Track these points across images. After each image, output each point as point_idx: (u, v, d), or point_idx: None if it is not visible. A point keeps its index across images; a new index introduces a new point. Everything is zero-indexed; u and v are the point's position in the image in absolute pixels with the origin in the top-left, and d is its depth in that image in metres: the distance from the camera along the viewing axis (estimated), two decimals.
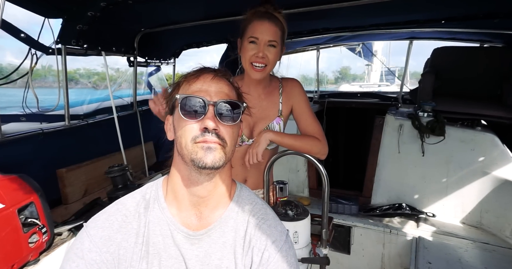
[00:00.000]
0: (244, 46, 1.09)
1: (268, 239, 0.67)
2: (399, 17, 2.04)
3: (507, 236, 1.91)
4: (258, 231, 0.68)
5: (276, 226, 0.70)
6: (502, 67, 2.42)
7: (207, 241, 0.66)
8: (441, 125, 2.15)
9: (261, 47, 1.06)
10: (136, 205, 0.68)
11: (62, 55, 1.69)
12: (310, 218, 1.21)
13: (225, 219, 0.68)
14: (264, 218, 0.70)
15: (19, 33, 1.52)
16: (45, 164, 1.69)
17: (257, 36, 1.06)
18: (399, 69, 7.02)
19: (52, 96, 1.83)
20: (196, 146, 0.61)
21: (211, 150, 0.61)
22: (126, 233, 0.64)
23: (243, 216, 0.69)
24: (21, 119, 1.83)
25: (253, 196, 0.75)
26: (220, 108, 0.63)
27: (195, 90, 0.64)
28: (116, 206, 0.68)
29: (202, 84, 0.65)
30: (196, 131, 0.62)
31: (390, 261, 2.15)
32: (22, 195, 1.18)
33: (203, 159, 0.60)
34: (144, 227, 0.65)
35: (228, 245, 0.66)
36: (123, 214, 0.66)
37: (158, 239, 0.65)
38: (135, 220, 0.66)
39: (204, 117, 0.62)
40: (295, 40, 2.66)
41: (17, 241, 1.12)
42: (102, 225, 0.64)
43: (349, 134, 3.56)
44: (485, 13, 1.75)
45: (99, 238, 0.63)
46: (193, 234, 0.66)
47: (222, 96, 0.65)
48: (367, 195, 2.48)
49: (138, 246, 0.64)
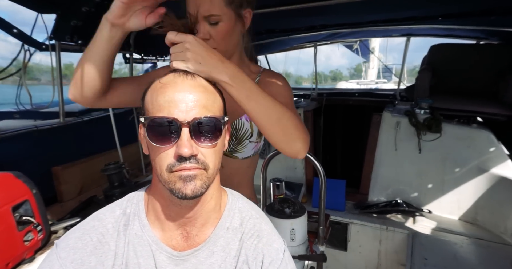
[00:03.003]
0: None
1: (264, 260, 0.60)
2: (397, 14, 2.03)
3: (501, 232, 1.94)
4: (253, 251, 0.61)
5: (272, 244, 0.63)
6: (498, 64, 2.44)
7: (193, 262, 0.59)
8: (437, 122, 2.16)
9: (200, 27, 0.76)
10: (114, 222, 0.59)
11: (56, 51, 1.67)
12: (307, 215, 1.22)
13: (214, 238, 0.61)
14: (259, 235, 0.62)
15: (12, 29, 1.49)
16: (40, 161, 1.67)
17: (190, 11, 0.75)
18: (396, 66, 7.04)
19: (45, 93, 1.81)
20: (173, 176, 0.52)
21: (190, 179, 0.52)
22: (102, 255, 0.56)
23: (234, 234, 0.62)
24: (15, 116, 1.81)
25: (246, 208, 0.66)
26: (196, 128, 0.52)
27: (163, 105, 0.52)
28: (93, 222, 0.59)
29: (173, 96, 0.52)
30: (171, 158, 0.52)
31: (386, 257, 2.17)
32: (17, 193, 1.17)
33: (182, 190, 0.52)
34: (123, 248, 0.57)
35: (216, 266, 0.60)
36: (100, 232, 0.57)
37: (139, 261, 0.57)
38: (113, 239, 0.57)
39: (179, 142, 0.51)
40: (293, 37, 2.65)
41: (12, 239, 1.11)
42: (74, 245, 0.55)
43: (346, 131, 3.57)
44: (482, 10, 1.75)
45: (70, 261, 0.54)
46: (177, 255, 0.59)
47: (198, 111, 0.52)
48: (364, 192, 2.49)
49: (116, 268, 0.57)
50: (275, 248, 0.62)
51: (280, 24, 2.16)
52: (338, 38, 3.01)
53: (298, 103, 3.15)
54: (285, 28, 2.22)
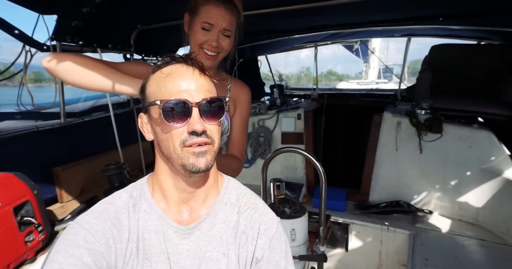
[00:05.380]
0: (195, 30, 0.96)
1: (260, 227, 0.68)
2: (397, 14, 2.03)
3: (502, 232, 1.93)
4: (250, 220, 0.69)
5: (267, 214, 0.71)
6: (499, 64, 2.43)
7: (197, 235, 0.66)
8: (438, 122, 2.15)
9: (215, 36, 0.95)
10: (123, 204, 0.66)
11: (57, 52, 1.67)
12: (308, 215, 1.22)
13: (215, 211, 0.68)
14: (254, 208, 0.71)
15: (13, 30, 1.49)
16: (40, 162, 1.67)
17: (211, 22, 0.93)
18: (397, 66, 7.02)
19: (46, 94, 1.81)
20: (186, 151, 0.59)
21: (203, 154, 0.60)
22: (119, 228, 0.63)
23: (232, 207, 0.70)
24: (16, 117, 1.81)
25: (241, 187, 0.75)
26: (204, 107, 0.61)
27: (173, 91, 0.60)
28: (104, 205, 0.66)
29: (181, 83, 0.60)
30: (184, 134, 0.59)
31: (387, 258, 2.16)
32: (18, 194, 1.17)
33: (196, 165, 0.59)
34: (135, 223, 0.64)
35: (218, 237, 0.66)
36: (113, 211, 0.64)
37: (149, 235, 0.64)
38: (125, 217, 0.64)
39: (190, 120, 0.59)
40: (293, 37, 2.65)
41: (13, 240, 1.11)
42: (96, 220, 0.62)
43: (347, 131, 3.57)
44: (483, 10, 1.75)
45: (95, 231, 0.60)
46: (183, 229, 0.65)
47: (204, 94, 0.61)
48: (365, 192, 2.49)
49: (131, 242, 0.63)
50: (269, 218, 0.71)
51: (280, 24, 2.17)
52: (338, 38, 3.01)
53: (298, 103, 3.16)
54: (286, 28, 2.22)
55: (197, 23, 0.94)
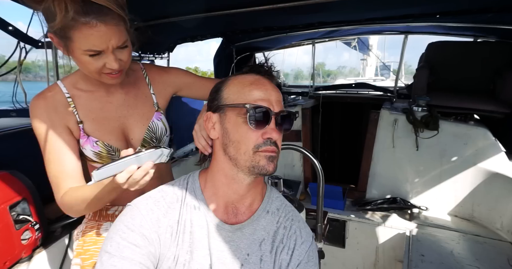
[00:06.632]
0: (79, 58, 0.74)
1: (297, 239, 0.71)
2: (395, 11, 2.03)
3: (497, 228, 1.95)
4: (288, 231, 0.72)
5: (305, 228, 0.75)
6: (495, 62, 2.44)
7: (239, 236, 0.69)
8: (435, 119, 2.16)
9: (111, 58, 0.74)
10: (176, 195, 0.69)
11: (53, 48, 1.65)
12: (305, 212, 1.22)
13: (257, 218, 0.71)
14: (293, 220, 0.74)
15: (7, 26, 1.47)
16: (37, 160, 1.65)
17: (98, 49, 0.71)
18: (394, 63, 7.04)
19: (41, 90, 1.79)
20: (258, 155, 0.64)
21: (272, 159, 0.65)
22: (171, 219, 0.66)
23: (273, 216, 0.73)
24: (11, 114, 1.79)
25: (281, 197, 0.79)
26: (280, 118, 0.66)
27: (258, 98, 0.65)
28: (160, 193, 0.69)
29: (265, 92, 0.66)
30: (259, 139, 0.64)
31: (384, 254, 2.18)
32: (14, 192, 1.16)
33: (266, 168, 0.64)
34: (184, 216, 0.67)
35: (257, 242, 0.69)
36: (168, 201, 0.68)
37: (195, 229, 0.67)
38: (176, 208, 0.67)
39: (268, 128, 0.64)
40: (291, 34, 2.64)
41: (9, 238, 1.11)
42: (152, 207, 0.66)
43: (344, 128, 3.57)
44: (479, 8, 1.75)
45: (150, 219, 0.64)
46: (228, 228, 0.68)
47: (280, 106, 0.67)
48: (362, 189, 2.51)
49: (178, 233, 0.66)
50: (307, 231, 0.74)
51: (278, 21, 2.15)
52: (336, 35, 3.00)
53: (296, 100, 3.15)
54: (283, 25, 2.21)
55: (76, 50, 0.72)
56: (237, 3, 1.61)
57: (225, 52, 2.76)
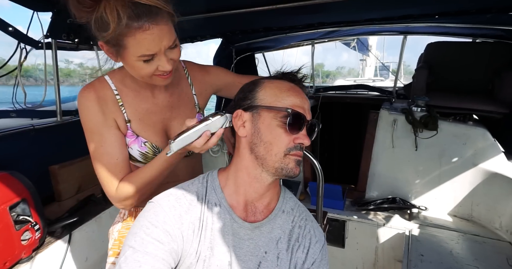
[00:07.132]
0: (132, 64, 0.73)
1: (312, 239, 0.75)
2: (394, 12, 2.04)
3: (496, 228, 1.96)
4: (303, 230, 0.75)
5: (318, 228, 0.78)
6: (493, 62, 2.45)
7: (257, 234, 0.70)
8: (434, 119, 2.17)
9: (163, 60, 0.73)
10: (197, 193, 0.71)
11: (53, 49, 1.65)
12: None
13: (274, 217, 0.73)
14: (307, 220, 0.77)
15: (7, 27, 1.48)
16: (37, 160, 1.66)
17: (151, 53, 0.70)
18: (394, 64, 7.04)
19: (42, 92, 1.79)
20: (288, 158, 0.66)
21: (299, 162, 0.68)
22: (192, 215, 0.67)
23: (288, 216, 0.75)
24: (11, 115, 1.80)
25: (294, 198, 0.82)
26: (310, 126, 0.70)
27: (295, 104, 0.67)
28: (181, 191, 0.70)
29: (300, 100, 0.69)
30: (291, 143, 0.66)
31: (383, 254, 2.19)
32: (14, 193, 1.16)
33: (293, 171, 0.67)
34: (205, 213, 0.68)
35: (275, 241, 0.71)
36: (190, 198, 0.69)
37: (216, 226, 0.68)
38: (198, 205, 0.69)
39: (301, 133, 0.67)
40: (290, 35, 2.64)
41: (9, 238, 1.11)
42: (175, 204, 0.67)
43: (343, 129, 3.58)
44: (478, 8, 1.76)
45: (173, 215, 0.65)
46: (248, 226, 0.70)
47: (310, 115, 0.70)
48: (362, 189, 2.51)
49: (200, 230, 0.67)
50: (319, 231, 0.78)
51: (277, 22, 2.16)
52: (335, 36, 3.01)
53: None
54: (283, 26, 2.22)
55: (130, 56, 0.71)
56: (236, 4, 1.61)
57: (224, 53, 2.77)
